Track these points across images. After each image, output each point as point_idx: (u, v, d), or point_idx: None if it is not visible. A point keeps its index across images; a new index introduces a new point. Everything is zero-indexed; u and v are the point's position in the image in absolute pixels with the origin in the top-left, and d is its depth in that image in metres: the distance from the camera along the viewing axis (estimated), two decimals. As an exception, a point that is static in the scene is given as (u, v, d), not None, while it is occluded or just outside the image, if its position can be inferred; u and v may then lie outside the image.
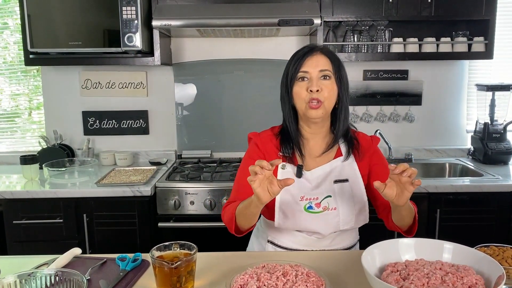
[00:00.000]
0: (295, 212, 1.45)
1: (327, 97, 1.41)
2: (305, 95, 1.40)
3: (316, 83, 1.39)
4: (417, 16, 2.49)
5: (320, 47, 1.46)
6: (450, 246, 1.17)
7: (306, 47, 1.47)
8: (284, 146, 1.49)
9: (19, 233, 2.32)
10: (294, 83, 1.43)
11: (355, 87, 2.88)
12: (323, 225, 1.46)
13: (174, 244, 1.24)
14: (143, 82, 2.89)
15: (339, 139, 1.51)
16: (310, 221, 1.45)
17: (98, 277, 1.30)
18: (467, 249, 1.16)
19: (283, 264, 1.26)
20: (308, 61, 1.41)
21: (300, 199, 1.45)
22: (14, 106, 3.04)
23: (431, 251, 1.18)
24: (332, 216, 1.45)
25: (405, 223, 1.38)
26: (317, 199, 1.45)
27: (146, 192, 2.29)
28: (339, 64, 1.46)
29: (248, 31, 2.57)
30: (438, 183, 2.30)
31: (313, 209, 1.45)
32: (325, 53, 1.44)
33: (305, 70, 1.41)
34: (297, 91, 1.42)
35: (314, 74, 1.40)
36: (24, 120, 3.06)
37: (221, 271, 1.31)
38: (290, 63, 1.45)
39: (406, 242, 1.20)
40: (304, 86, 1.41)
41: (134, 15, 2.36)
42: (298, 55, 1.44)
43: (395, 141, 2.93)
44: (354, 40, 2.67)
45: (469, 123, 2.95)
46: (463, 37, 2.62)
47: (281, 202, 1.45)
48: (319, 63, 1.41)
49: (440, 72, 2.89)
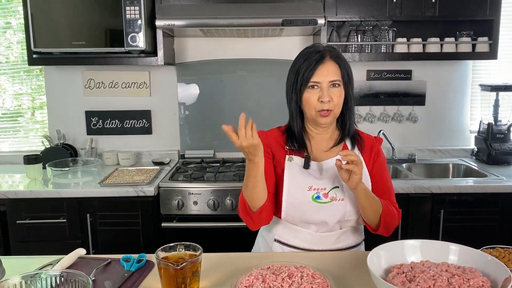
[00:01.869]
0: (303, 203, 1.46)
1: (336, 104, 1.44)
2: (315, 104, 1.43)
3: (327, 93, 1.41)
4: (421, 16, 2.48)
5: (330, 51, 1.45)
6: (456, 248, 1.17)
7: (315, 51, 1.44)
8: (290, 141, 1.52)
9: (22, 233, 2.32)
10: (305, 90, 1.44)
11: (359, 87, 2.88)
12: (330, 216, 1.47)
13: (179, 245, 1.24)
14: (146, 82, 2.89)
15: (346, 137, 1.54)
16: (317, 212, 1.46)
17: (103, 278, 1.30)
18: (473, 251, 1.15)
19: (288, 265, 1.26)
20: (319, 71, 1.41)
21: (308, 189, 1.47)
22: (17, 105, 3.04)
23: (436, 253, 1.17)
24: (340, 207, 1.47)
25: (368, 218, 1.45)
26: (325, 189, 1.47)
27: (149, 192, 2.28)
28: (347, 69, 1.47)
29: (251, 31, 2.56)
30: (442, 184, 2.29)
31: (320, 199, 1.46)
32: (334, 59, 1.44)
33: (317, 81, 1.42)
34: (307, 98, 1.44)
35: (325, 84, 1.42)
36: (27, 119, 3.06)
37: (226, 272, 1.31)
38: (301, 68, 1.43)
39: (412, 244, 1.20)
40: (315, 95, 1.43)
41: (137, 15, 2.35)
42: (310, 61, 1.42)
43: (399, 141, 2.93)
44: (357, 40, 2.66)
45: (473, 124, 2.94)
46: (467, 37, 2.61)
47: (288, 193, 1.47)
48: (329, 73, 1.42)
49: (443, 72, 2.88)
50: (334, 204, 1.47)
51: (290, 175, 1.49)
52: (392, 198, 1.54)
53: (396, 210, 1.51)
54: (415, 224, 2.32)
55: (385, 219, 1.44)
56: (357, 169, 1.31)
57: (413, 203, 2.31)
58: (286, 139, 1.54)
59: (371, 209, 1.42)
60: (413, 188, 2.29)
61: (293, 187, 1.47)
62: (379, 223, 1.45)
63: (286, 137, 1.54)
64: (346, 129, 1.53)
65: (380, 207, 1.43)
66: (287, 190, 1.47)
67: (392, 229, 1.50)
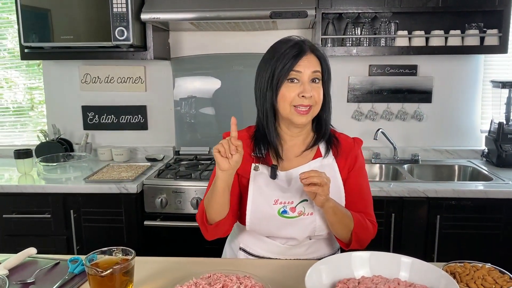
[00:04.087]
0: (268, 217, 1.34)
1: (317, 101, 1.31)
2: (294, 99, 1.29)
3: (309, 87, 1.28)
4: (422, 7, 2.31)
5: (309, 45, 1.32)
6: (408, 261, 1.05)
7: (293, 43, 1.31)
8: (258, 147, 1.38)
9: (10, 227, 2.33)
10: (283, 84, 1.29)
11: (360, 83, 2.74)
12: (298, 231, 1.36)
13: (116, 250, 1.18)
14: (142, 77, 2.85)
15: (320, 140, 1.40)
16: (284, 227, 1.35)
17: (44, 279, 1.26)
18: (426, 265, 1.04)
19: (234, 274, 1.17)
20: (300, 62, 1.28)
21: (274, 202, 1.34)
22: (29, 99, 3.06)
23: (387, 266, 1.06)
24: (308, 221, 1.35)
25: (338, 234, 1.35)
26: (292, 203, 1.34)
27: (132, 189, 2.24)
28: (328, 65, 1.34)
29: (243, 24, 2.47)
30: (438, 187, 2.13)
31: (287, 214, 1.34)
32: (315, 52, 1.31)
33: (299, 70, 1.27)
34: (284, 93, 1.29)
35: (306, 76, 1.28)
36: (38, 113, 3.07)
37: (168, 278, 1.24)
38: (278, 61, 1.29)
39: (360, 256, 1.08)
40: (294, 89, 1.28)
41: (124, 9, 2.31)
42: (289, 54, 1.28)
43: (402, 141, 2.77)
44: (356, 33, 2.52)
45: (484, 123, 2.74)
46: (476, 29, 2.42)
47: (253, 206, 1.35)
48: (311, 64, 1.29)
49: (452, 68, 2.69)
50: (302, 218, 1.34)
51: (256, 186, 1.36)
52: (369, 210, 1.41)
53: (372, 223, 1.38)
54: (409, 230, 2.17)
55: (357, 234, 1.32)
56: (322, 190, 1.18)
57: (407, 207, 2.16)
58: (254, 145, 1.40)
59: (341, 226, 1.31)
60: (407, 191, 2.14)
61: (258, 200, 1.35)
62: (351, 239, 1.33)
63: (254, 143, 1.40)
64: (322, 132, 1.39)
65: (351, 222, 1.31)
66: (251, 203, 1.35)
67: (367, 243, 1.37)
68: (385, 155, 2.76)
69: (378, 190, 2.15)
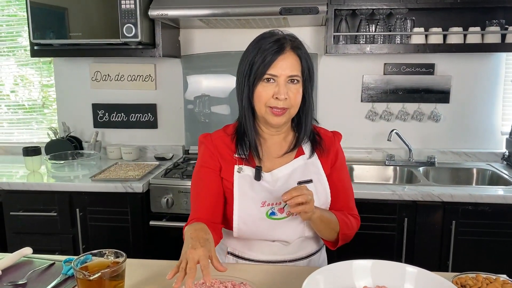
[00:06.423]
0: (256, 220, 1.29)
1: (293, 104, 1.24)
2: (268, 99, 1.23)
3: (284, 90, 1.21)
4: (440, 3, 2.22)
5: (291, 41, 1.25)
6: (414, 271, 0.98)
7: (273, 40, 1.24)
8: (240, 147, 1.32)
9: (17, 225, 2.33)
10: (259, 83, 1.24)
11: (374, 82, 2.64)
12: (288, 233, 1.30)
13: (109, 252, 1.13)
14: (152, 75, 2.82)
15: (302, 141, 1.34)
16: (273, 229, 1.29)
17: (37, 281, 1.23)
18: (433, 276, 0.96)
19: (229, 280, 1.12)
20: (277, 63, 1.21)
21: (262, 205, 1.28)
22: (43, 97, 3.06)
23: (391, 276, 0.99)
24: (297, 222, 1.30)
25: (325, 237, 1.34)
26: (280, 204, 1.29)
27: (138, 188, 2.21)
28: (308, 63, 1.27)
29: (254, 21, 2.41)
30: (454, 191, 2.03)
31: (276, 216, 1.29)
32: (295, 50, 1.24)
33: (274, 74, 1.22)
34: (259, 92, 1.23)
35: (282, 79, 1.22)
36: (52, 111, 3.07)
37: (161, 284, 1.19)
38: (256, 58, 1.23)
39: (361, 264, 1.01)
40: (269, 90, 1.22)
41: (133, 5, 2.28)
42: (267, 52, 1.22)
43: (418, 142, 2.67)
44: (370, 30, 2.43)
45: (505, 124, 2.62)
46: (497, 26, 2.31)
47: (239, 210, 1.29)
48: (289, 66, 1.22)
49: (471, 66, 2.58)
50: (291, 219, 1.29)
51: (241, 189, 1.30)
52: (351, 204, 1.40)
53: (355, 218, 1.36)
54: (423, 236, 2.08)
55: (344, 233, 1.30)
56: (308, 208, 1.15)
57: (421, 212, 2.07)
58: (235, 144, 1.34)
59: (328, 230, 1.30)
60: (421, 195, 2.05)
61: (244, 204, 1.29)
62: (338, 239, 1.31)
63: (236, 143, 1.34)
64: (302, 134, 1.33)
65: (337, 225, 1.30)
66: (237, 207, 1.29)
67: (351, 238, 1.36)
68: (400, 157, 2.67)
69: (390, 194, 2.06)
